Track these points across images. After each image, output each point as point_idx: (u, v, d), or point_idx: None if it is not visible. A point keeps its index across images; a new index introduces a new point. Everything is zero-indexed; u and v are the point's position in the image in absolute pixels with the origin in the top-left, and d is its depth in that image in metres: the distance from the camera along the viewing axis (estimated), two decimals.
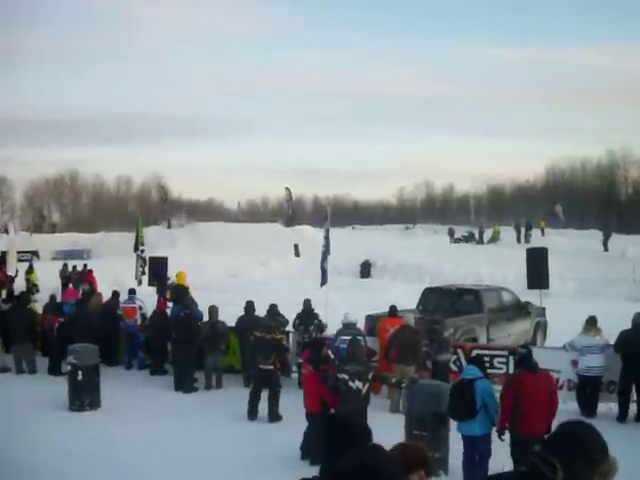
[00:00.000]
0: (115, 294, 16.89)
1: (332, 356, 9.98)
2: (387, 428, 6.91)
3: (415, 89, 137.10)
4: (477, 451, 8.18)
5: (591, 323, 12.30)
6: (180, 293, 16.33)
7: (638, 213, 69.27)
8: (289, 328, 14.65)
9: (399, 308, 14.19)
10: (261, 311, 14.45)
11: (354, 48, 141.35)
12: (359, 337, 11.20)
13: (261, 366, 11.80)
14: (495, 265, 30.99)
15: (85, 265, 30.17)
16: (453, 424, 8.72)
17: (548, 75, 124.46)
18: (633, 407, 11.86)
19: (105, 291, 18.39)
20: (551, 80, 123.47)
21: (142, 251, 22.79)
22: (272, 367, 11.78)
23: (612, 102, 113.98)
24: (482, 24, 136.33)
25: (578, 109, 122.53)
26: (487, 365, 10.73)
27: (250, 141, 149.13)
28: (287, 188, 62.98)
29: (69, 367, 12.36)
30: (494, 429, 8.25)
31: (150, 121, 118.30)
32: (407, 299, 17.67)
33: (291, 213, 61.28)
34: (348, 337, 11.83)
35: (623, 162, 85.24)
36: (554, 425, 3.52)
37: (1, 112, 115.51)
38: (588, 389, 12.06)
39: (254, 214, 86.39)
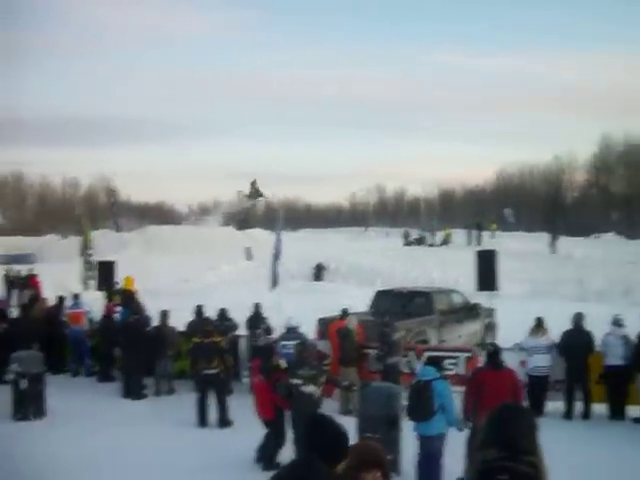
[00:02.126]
0: (60, 299, 16.53)
1: (283, 364, 9.87)
2: None
3: (368, 94, 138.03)
4: (432, 451, 8.20)
5: (538, 324, 12.52)
6: (128, 298, 16.08)
7: (583, 216, 70.71)
8: (241, 332, 14.54)
9: (351, 311, 14.19)
10: (212, 315, 14.31)
11: (308, 52, 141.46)
12: (308, 341, 11.17)
13: (205, 371, 11.67)
14: (446, 267, 31.26)
15: (30, 270, 29.48)
16: (404, 426, 8.73)
17: (498, 82, 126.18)
18: (579, 405, 12.09)
19: (51, 296, 17.99)
20: (500, 87, 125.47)
21: (89, 255, 22.44)
22: (216, 371, 11.65)
23: (559, 109, 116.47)
24: (435, 31, 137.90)
25: (526, 115, 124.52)
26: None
27: (202, 143, 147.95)
28: (239, 191, 62.72)
29: (12, 375, 12.02)
30: (450, 429, 8.31)
31: (99, 122, 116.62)
32: (359, 302, 17.70)
33: (243, 216, 60.99)
34: (290, 342, 11.84)
35: (569, 167, 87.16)
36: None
37: None
38: (536, 388, 12.24)
39: (205, 217, 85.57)
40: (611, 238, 51.33)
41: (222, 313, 14.34)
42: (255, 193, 45.55)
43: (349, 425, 8.78)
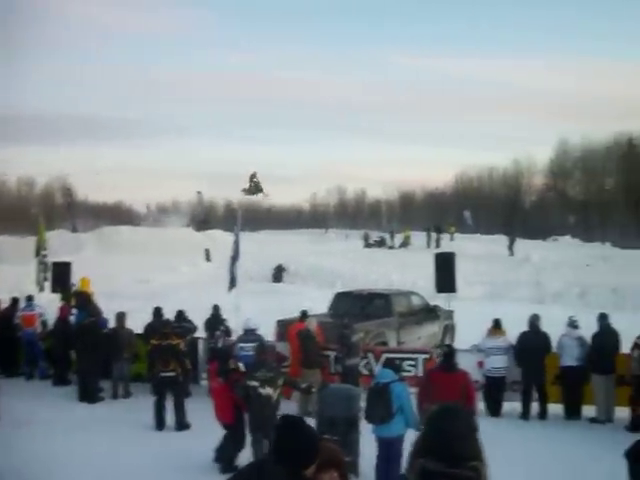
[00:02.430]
0: (14, 301, 16.19)
1: (241, 367, 9.80)
2: None
3: (330, 95, 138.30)
4: (391, 453, 8.21)
5: (496, 325, 12.65)
6: (84, 300, 15.82)
7: (541, 219, 71.77)
8: (199, 334, 14.41)
9: (311, 313, 14.17)
10: (171, 317, 14.15)
11: (271, 53, 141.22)
12: (267, 343, 11.11)
13: (161, 374, 11.55)
14: (405, 269, 31.45)
15: None
16: (363, 428, 8.72)
17: (458, 85, 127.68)
18: (535, 405, 12.22)
19: (5, 298, 17.60)
20: (461, 90, 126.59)
21: (44, 256, 22.00)
22: (173, 374, 11.53)
23: (517, 113, 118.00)
24: (396, 33, 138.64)
25: (486, 119, 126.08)
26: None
27: (161, 143, 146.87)
28: (199, 192, 62.32)
29: None
30: (409, 430, 8.31)
31: (56, 121, 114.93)
32: (319, 304, 17.69)
33: (203, 217, 60.59)
34: (248, 344, 11.77)
35: (527, 171, 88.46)
36: None
37: None
38: (493, 389, 12.35)
39: (164, 218, 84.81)
40: (568, 241, 52.17)
41: (179, 315, 14.20)
42: (255, 188, 43.74)
43: None
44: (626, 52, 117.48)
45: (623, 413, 11.64)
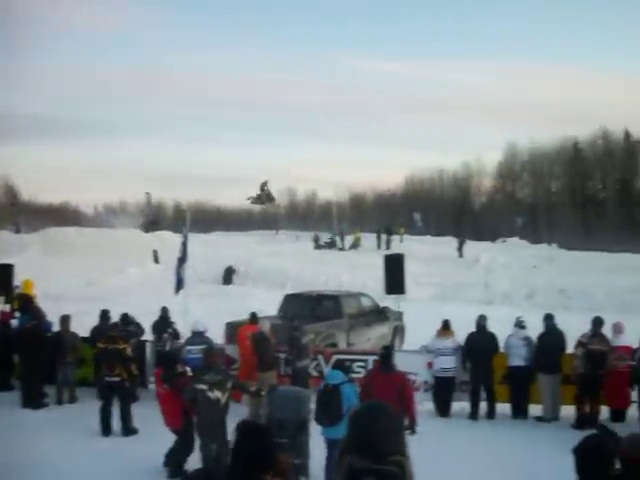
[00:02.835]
0: None
1: (188, 372, 9.66)
2: None
3: (280, 96, 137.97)
4: None
5: (445, 326, 12.74)
6: (26, 302, 15.43)
7: (490, 221, 72.82)
8: (147, 337, 14.19)
9: (261, 315, 14.07)
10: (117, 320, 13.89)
11: (223, 53, 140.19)
12: (215, 345, 10.96)
13: (107, 378, 11.33)
14: (355, 271, 31.53)
15: None
16: (313, 429, 8.67)
17: (410, 87, 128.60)
18: (484, 405, 12.35)
19: None
20: (412, 92, 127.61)
21: None
22: (119, 379, 11.32)
23: (467, 115, 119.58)
24: (352, 35, 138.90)
25: (436, 121, 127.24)
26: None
27: (109, 143, 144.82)
28: (147, 193, 61.58)
29: None
30: None
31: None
32: (269, 305, 17.59)
33: (151, 218, 59.83)
34: (196, 346, 11.61)
35: (477, 173, 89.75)
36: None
37: None
38: (443, 390, 12.43)
39: (111, 219, 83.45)
40: (516, 242, 52.97)
41: (124, 318, 13.88)
42: (266, 197, 41.53)
43: None
44: (575, 58, 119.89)
45: (569, 411, 11.84)
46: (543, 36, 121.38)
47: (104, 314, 14.19)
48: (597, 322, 11.94)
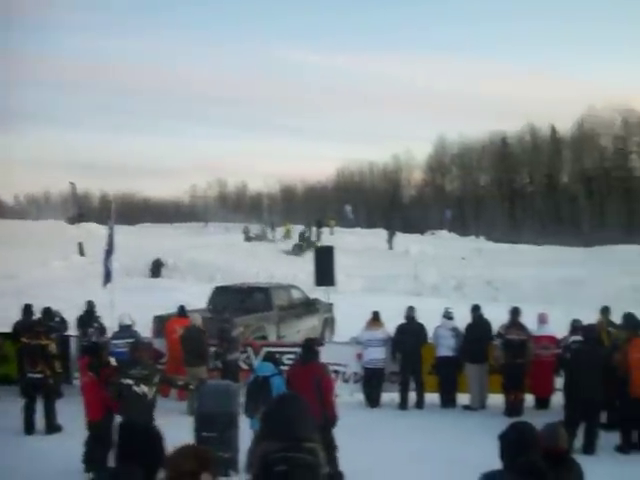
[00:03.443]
0: None
1: (114, 362, 9.42)
2: (177, 431, 6.62)
3: (209, 87, 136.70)
4: None
5: (375, 318, 12.79)
6: None
7: (420, 214, 73.78)
8: (72, 331, 13.80)
9: (190, 308, 13.89)
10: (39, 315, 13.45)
11: (151, 43, 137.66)
12: (142, 339, 10.73)
13: (29, 375, 10.97)
14: (286, 263, 31.47)
15: None
16: (242, 423, 8.58)
17: (341, 80, 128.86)
18: (413, 395, 12.46)
19: None
20: (343, 85, 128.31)
21: None
22: (42, 375, 10.96)
23: (398, 109, 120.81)
24: (275, 26, 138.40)
25: (366, 114, 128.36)
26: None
27: (31, 132, 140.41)
28: (72, 183, 59.99)
29: None
30: None
31: None
32: (198, 298, 17.36)
33: (76, 209, 58.35)
34: (123, 340, 11.37)
35: (407, 166, 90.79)
36: None
37: None
38: (373, 381, 12.49)
39: (34, 210, 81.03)
40: (445, 235, 53.75)
41: (46, 312, 13.43)
42: (307, 244, 36.65)
43: (188, 425, 8.63)
44: (505, 55, 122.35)
45: (496, 400, 12.05)
46: (474, 31, 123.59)
47: (27, 309, 13.71)
48: (514, 312, 12.22)
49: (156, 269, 32.81)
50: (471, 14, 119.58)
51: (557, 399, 11.34)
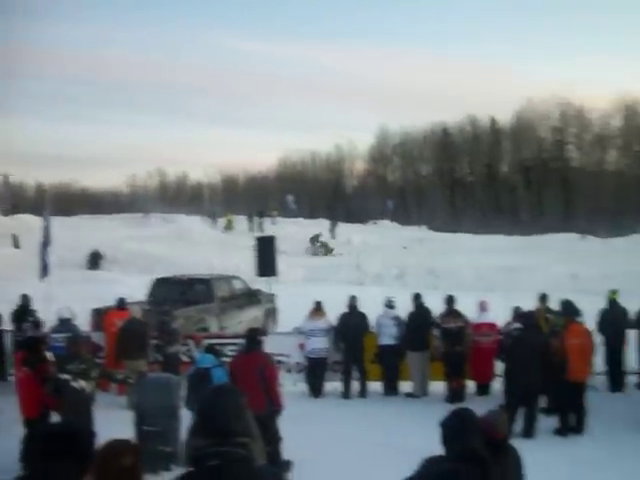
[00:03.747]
0: None
1: (51, 357, 9.18)
2: (118, 425, 6.49)
3: (151, 76, 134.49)
4: None
5: (317, 308, 12.77)
6: None
7: (362, 204, 74.15)
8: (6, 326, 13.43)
9: (130, 300, 13.62)
10: None
11: (88, 28, 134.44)
12: (80, 333, 10.50)
13: None
14: (228, 254, 31.23)
15: None
16: (183, 416, 8.47)
17: (284, 70, 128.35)
18: (356, 384, 12.50)
19: None
20: (286, 75, 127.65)
21: None
22: None
23: (340, 99, 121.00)
24: (214, 12, 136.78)
25: (310, 104, 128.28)
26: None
27: None
28: (3, 175, 58.43)
29: None
30: None
31: None
32: (138, 291, 17.07)
33: (9, 200, 56.80)
34: (62, 334, 11.10)
35: (349, 156, 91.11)
36: None
37: None
38: (316, 370, 12.48)
39: None
40: (387, 225, 54.13)
41: None
42: (325, 248, 35.66)
43: (129, 419, 8.47)
44: (446, 46, 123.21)
45: (438, 387, 12.17)
46: (415, 23, 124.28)
47: None
48: (449, 300, 12.37)
49: (94, 261, 32.16)
50: (411, 5, 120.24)
51: (498, 385, 11.51)
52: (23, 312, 13.54)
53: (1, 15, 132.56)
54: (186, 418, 8.32)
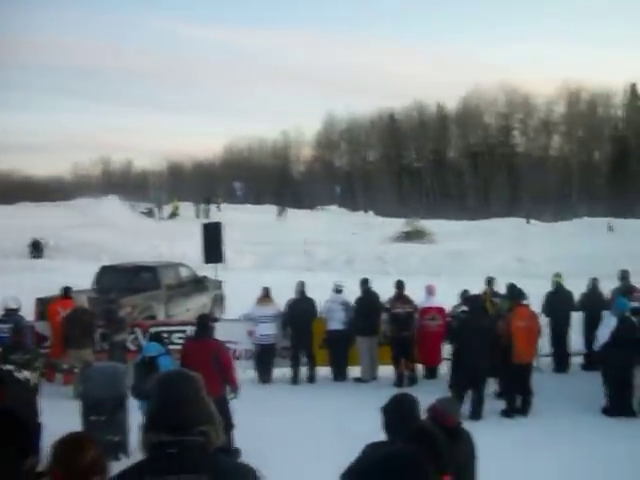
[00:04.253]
0: None
1: None
2: (64, 416, 6.38)
3: (92, 60, 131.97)
4: None
5: (265, 294, 12.73)
6: None
7: (310, 190, 74.24)
8: None
9: (75, 289, 13.37)
10: None
11: (42, 13, 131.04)
12: (24, 323, 10.25)
13: None
14: (174, 241, 30.93)
15: None
16: (130, 405, 8.38)
17: (228, 56, 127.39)
18: (305, 370, 12.55)
19: None
20: (231, 61, 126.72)
21: None
22: None
23: (287, 84, 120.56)
24: (168, 1, 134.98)
25: (256, 90, 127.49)
26: (167, 341, 10.62)
27: None
28: None
29: None
30: None
31: None
32: (83, 279, 16.77)
33: None
34: (7, 325, 10.84)
35: (296, 142, 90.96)
36: None
37: None
38: (264, 357, 12.46)
39: None
40: (335, 210, 54.29)
41: None
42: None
43: (76, 410, 8.35)
44: (393, 32, 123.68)
45: (387, 371, 12.26)
46: (367, 5, 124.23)
47: None
48: (398, 285, 12.49)
49: (35, 250, 31.49)
50: None
51: (446, 368, 11.65)
52: None
53: None
54: (133, 407, 8.27)
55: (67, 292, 12.92)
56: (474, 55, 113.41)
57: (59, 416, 6.56)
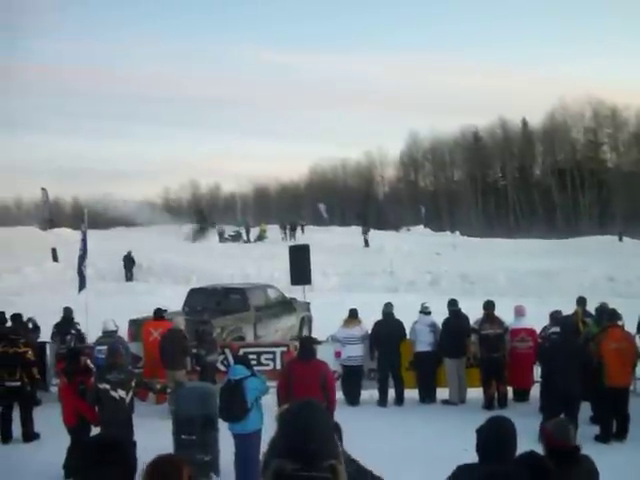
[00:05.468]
0: None
1: (92, 366, 9.34)
2: (156, 434, 6.55)
3: (182, 89, 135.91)
4: (248, 448, 8.03)
5: (352, 315, 12.74)
6: None
7: (394, 210, 73.99)
8: (47, 339, 13.61)
9: (166, 310, 13.74)
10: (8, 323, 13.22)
11: (114, 45, 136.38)
12: (119, 344, 10.58)
13: (6, 384, 10.79)
14: (262, 263, 31.38)
15: None
16: (221, 424, 8.53)
17: (312, 80, 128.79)
18: (392, 392, 12.43)
19: None
20: (315, 84, 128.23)
21: None
22: (19, 383, 10.79)
23: (368, 106, 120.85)
24: (243, 25, 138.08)
25: (338, 111, 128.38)
26: (254, 362, 10.78)
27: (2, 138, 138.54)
28: (43, 189, 59.32)
29: None
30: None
31: None
32: (173, 301, 17.24)
33: (48, 215, 57.63)
34: (106, 347, 11.22)
35: (379, 163, 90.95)
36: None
37: None
38: (351, 378, 12.46)
39: (5, 217, 79.82)
40: (420, 231, 53.95)
41: (16, 318, 13.12)
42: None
43: (168, 428, 8.56)
44: (475, 49, 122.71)
45: (475, 394, 12.08)
46: (445, 26, 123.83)
47: (1, 316, 13.53)
48: (487, 306, 12.22)
49: (128, 263, 32.46)
50: (443, 10, 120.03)
51: (536, 391, 11.39)
52: (66, 324, 13.72)
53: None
54: (223, 427, 8.43)
55: (159, 313, 13.27)
56: (558, 69, 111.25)
57: (151, 435, 6.74)
